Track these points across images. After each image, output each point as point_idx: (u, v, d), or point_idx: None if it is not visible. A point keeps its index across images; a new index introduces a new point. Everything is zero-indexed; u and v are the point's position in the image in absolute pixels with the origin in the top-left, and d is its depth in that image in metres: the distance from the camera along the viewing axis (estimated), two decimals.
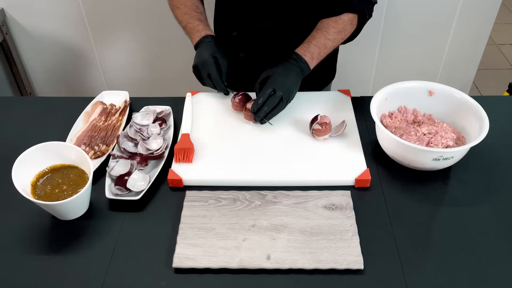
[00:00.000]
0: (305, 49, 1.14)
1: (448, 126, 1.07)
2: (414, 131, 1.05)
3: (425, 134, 1.04)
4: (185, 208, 0.95)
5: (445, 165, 1.00)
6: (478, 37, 1.93)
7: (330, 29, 1.15)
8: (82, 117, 1.19)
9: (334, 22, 1.15)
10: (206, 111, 1.19)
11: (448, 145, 1.02)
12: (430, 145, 1.02)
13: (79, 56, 2.06)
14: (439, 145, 1.01)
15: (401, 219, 0.94)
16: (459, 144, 1.03)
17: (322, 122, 1.08)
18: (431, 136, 1.03)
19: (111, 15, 1.92)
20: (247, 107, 1.13)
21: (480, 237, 0.90)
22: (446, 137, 1.02)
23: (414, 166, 1.02)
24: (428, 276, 0.84)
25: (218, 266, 0.85)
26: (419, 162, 1.00)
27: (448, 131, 1.04)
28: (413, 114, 1.13)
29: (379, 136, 1.06)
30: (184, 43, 2.01)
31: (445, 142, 1.02)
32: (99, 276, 0.85)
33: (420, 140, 1.03)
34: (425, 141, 1.02)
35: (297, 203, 0.96)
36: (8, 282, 0.85)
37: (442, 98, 1.11)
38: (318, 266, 0.84)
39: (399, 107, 1.13)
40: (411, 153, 0.99)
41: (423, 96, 1.12)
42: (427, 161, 0.98)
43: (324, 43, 1.15)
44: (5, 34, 1.93)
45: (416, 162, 1.00)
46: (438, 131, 1.04)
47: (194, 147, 1.06)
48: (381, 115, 1.11)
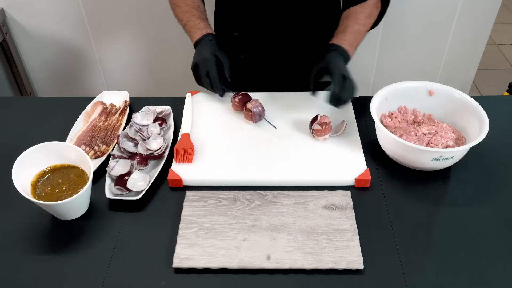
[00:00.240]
0: (341, 38, 1.14)
1: (448, 126, 1.07)
2: (414, 131, 1.05)
3: (425, 134, 1.04)
4: (185, 208, 0.95)
5: (445, 165, 1.00)
6: (478, 37, 1.93)
7: (359, 15, 1.16)
8: (82, 117, 1.19)
9: (362, 7, 1.17)
10: (206, 111, 1.19)
11: (448, 145, 1.02)
12: (430, 145, 1.02)
13: (79, 56, 2.06)
14: (439, 145, 1.01)
15: (401, 219, 0.94)
16: (459, 144, 1.03)
17: (322, 122, 1.08)
18: (431, 136, 1.03)
19: (111, 15, 1.92)
20: (247, 107, 1.13)
21: (480, 237, 0.90)
22: (446, 137, 1.02)
23: (414, 166, 1.02)
24: (428, 276, 0.84)
25: (218, 266, 0.85)
26: (419, 162, 1.00)
27: (448, 131, 1.04)
28: (413, 114, 1.13)
29: (379, 136, 1.06)
30: (184, 43, 2.01)
31: (445, 142, 1.02)
32: (99, 276, 0.85)
33: (420, 140, 1.03)
34: (425, 141, 1.02)
35: (297, 203, 0.96)
36: (8, 282, 0.85)
37: (442, 98, 1.11)
38: (318, 266, 0.84)
39: (399, 107, 1.13)
40: (411, 153, 0.99)
41: (423, 96, 1.12)
42: (427, 161, 0.98)
43: (357, 29, 1.16)
44: (5, 34, 1.93)
45: (416, 162, 1.00)
46: (438, 131, 1.04)
47: (194, 147, 1.06)
48: (381, 115, 1.11)
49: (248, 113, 1.13)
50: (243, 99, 1.16)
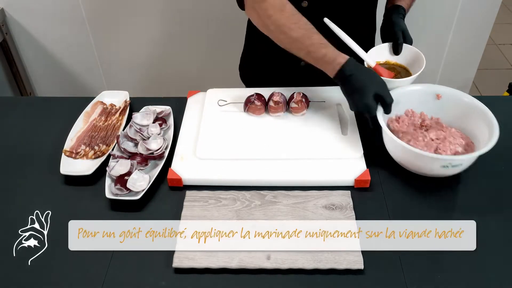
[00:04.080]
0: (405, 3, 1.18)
1: (456, 131, 1.03)
2: (422, 137, 1.01)
3: (433, 139, 1.00)
4: (185, 208, 0.95)
5: (453, 172, 0.97)
6: (478, 37, 1.93)
7: None
8: (82, 117, 1.19)
9: None
10: (206, 111, 1.19)
11: (456, 151, 0.98)
12: (438, 151, 0.98)
13: (79, 56, 2.07)
14: (448, 151, 0.98)
15: (401, 219, 0.94)
16: (468, 150, 0.99)
17: (298, 100, 1.12)
18: (439, 141, 1.00)
19: (111, 15, 1.92)
20: (275, 100, 1.13)
21: (480, 237, 0.90)
22: (454, 143, 0.99)
23: (422, 172, 0.99)
24: (428, 276, 0.84)
25: (218, 266, 0.85)
26: (428, 169, 0.97)
27: (457, 137, 1.01)
28: (421, 117, 1.09)
29: (386, 141, 1.03)
30: (184, 43, 2.02)
31: (453, 148, 0.98)
32: (99, 276, 0.85)
33: (428, 146, 0.99)
34: (433, 147, 0.99)
35: (297, 203, 0.96)
36: (8, 282, 0.85)
37: (450, 102, 1.07)
38: (318, 266, 0.84)
39: (406, 111, 1.10)
40: (419, 160, 0.96)
41: (430, 99, 1.09)
42: (436, 167, 0.95)
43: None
44: (5, 34, 1.93)
45: (424, 168, 0.98)
46: (447, 137, 1.00)
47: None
48: (388, 119, 1.08)
49: (278, 106, 1.13)
50: (261, 97, 1.15)
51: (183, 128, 1.15)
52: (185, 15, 1.91)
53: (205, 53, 2.03)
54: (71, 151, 1.09)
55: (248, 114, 1.16)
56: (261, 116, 1.16)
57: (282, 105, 1.14)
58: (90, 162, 1.07)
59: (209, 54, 2.03)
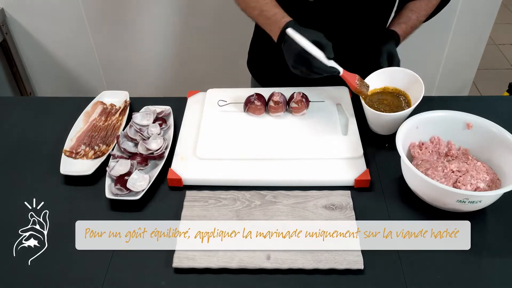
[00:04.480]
0: (400, 29, 1.19)
1: (482, 165, 0.95)
2: (441, 167, 0.94)
3: (453, 171, 0.93)
4: (185, 208, 0.95)
5: (472, 209, 0.90)
6: (478, 37, 1.93)
7: (422, 12, 1.21)
8: (82, 117, 1.19)
9: (426, 5, 1.22)
10: (206, 111, 1.19)
11: (478, 186, 0.90)
12: (457, 184, 0.90)
13: (79, 56, 2.07)
14: (467, 186, 0.90)
15: (401, 219, 0.94)
16: (492, 187, 0.91)
17: (298, 100, 1.13)
18: (460, 174, 0.92)
19: (111, 15, 1.92)
20: (275, 101, 1.13)
21: (480, 236, 0.90)
22: (477, 178, 0.90)
23: (437, 205, 0.92)
24: (428, 276, 0.84)
25: (218, 266, 0.85)
26: (442, 202, 0.90)
27: (481, 171, 0.92)
28: (447, 146, 1.02)
29: (403, 168, 0.97)
30: (184, 43, 2.02)
31: (474, 183, 0.90)
32: (99, 276, 0.85)
33: (446, 178, 0.92)
34: (452, 180, 0.91)
35: (297, 203, 0.96)
36: (8, 282, 0.85)
37: (478, 132, 1.00)
38: (318, 266, 0.84)
39: (431, 137, 1.03)
40: (433, 191, 0.90)
41: (459, 128, 1.02)
42: (451, 201, 0.88)
43: (415, 24, 1.22)
44: (5, 34, 1.93)
45: (438, 201, 0.91)
46: (469, 170, 0.92)
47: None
48: (410, 144, 1.02)
49: (278, 106, 1.13)
50: (261, 98, 1.15)
51: (183, 128, 1.15)
52: (185, 15, 1.91)
53: (205, 53, 2.03)
54: (71, 151, 1.09)
55: (248, 114, 1.17)
56: (261, 116, 1.16)
57: (282, 105, 1.14)
58: (90, 162, 1.07)
59: (209, 54, 2.03)
